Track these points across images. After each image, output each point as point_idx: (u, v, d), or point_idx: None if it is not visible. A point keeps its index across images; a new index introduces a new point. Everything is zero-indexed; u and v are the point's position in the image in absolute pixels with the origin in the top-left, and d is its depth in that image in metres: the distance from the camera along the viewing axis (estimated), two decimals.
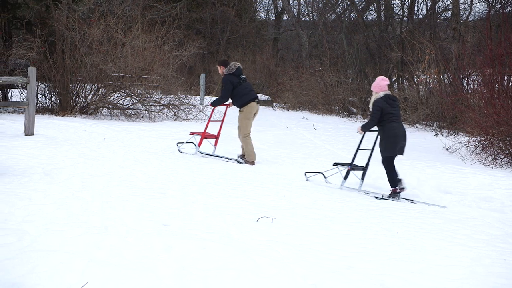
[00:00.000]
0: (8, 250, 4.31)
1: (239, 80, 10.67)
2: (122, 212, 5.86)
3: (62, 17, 15.33)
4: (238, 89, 10.62)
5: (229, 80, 10.60)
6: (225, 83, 10.62)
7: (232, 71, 10.66)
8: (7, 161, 8.14)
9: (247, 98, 10.62)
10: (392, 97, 8.91)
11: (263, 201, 7.18)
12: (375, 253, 5.15)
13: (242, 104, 10.65)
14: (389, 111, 8.75)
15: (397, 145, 8.70)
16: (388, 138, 8.74)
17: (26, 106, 11.10)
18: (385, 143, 8.76)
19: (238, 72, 10.70)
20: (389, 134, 8.73)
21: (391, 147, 8.71)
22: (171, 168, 9.03)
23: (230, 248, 4.84)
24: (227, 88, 10.58)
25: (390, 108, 8.77)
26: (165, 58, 17.13)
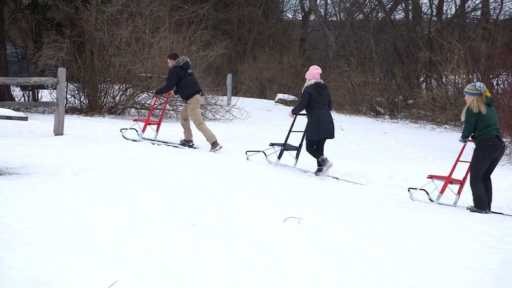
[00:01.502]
0: (39, 248, 4.36)
1: (185, 73, 11.51)
2: (150, 211, 5.89)
3: (91, 18, 15.49)
4: (183, 81, 11.44)
5: (174, 72, 11.42)
6: (171, 74, 11.45)
7: (179, 64, 11.48)
8: (37, 160, 8.25)
9: (191, 90, 11.44)
10: (322, 85, 9.83)
11: (290, 201, 7.17)
12: (404, 255, 5.11)
13: (186, 96, 11.48)
14: (317, 98, 9.68)
15: (321, 130, 9.64)
16: (313, 123, 9.66)
17: (55, 106, 11.24)
18: (311, 128, 9.70)
19: (185, 66, 11.53)
20: (315, 119, 9.65)
21: (315, 132, 9.67)
22: (199, 168, 9.05)
23: (258, 248, 4.84)
24: (172, 78, 11.40)
25: (318, 95, 9.69)
26: (192, 58, 17.20)
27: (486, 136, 7.73)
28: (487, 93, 7.84)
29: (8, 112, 7.66)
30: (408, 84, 22.35)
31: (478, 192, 7.84)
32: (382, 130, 17.78)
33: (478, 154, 7.86)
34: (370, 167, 10.82)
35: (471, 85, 7.95)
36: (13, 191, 6.22)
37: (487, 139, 7.73)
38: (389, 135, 16.46)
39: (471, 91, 7.85)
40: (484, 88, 7.81)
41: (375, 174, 10.14)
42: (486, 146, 7.76)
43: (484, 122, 7.75)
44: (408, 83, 22.45)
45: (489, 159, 7.82)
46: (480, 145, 7.83)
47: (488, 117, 7.77)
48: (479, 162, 7.83)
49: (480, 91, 7.79)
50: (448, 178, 8.41)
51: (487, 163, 7.84)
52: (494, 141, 7.75)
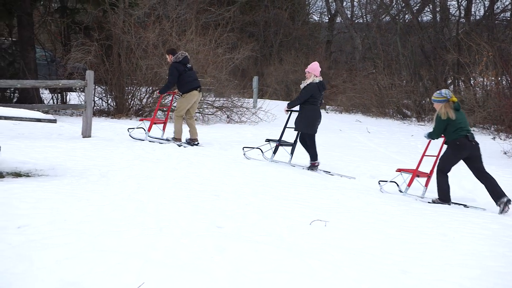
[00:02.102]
0: (67, 249, 4.42)
1: (185, 68, 11.61)
2: (177, 213, 5.93)
3: (119, 21, 15.63)
4: (183, 76, 11.56)
5: (175, 68, 11.50)
6: (172, 70, 11.53)
7: (178, 60, 11.56)
8: (66, 162, 8.35)
9: (190, 85, 11.57)
10: (323, 84, 10.25)
11: (316, 204, 7.16)
12: (431, 258, 5.07)
13: (186, 90, 11.60)
14: (316, 96, 10.04)
15: (316, 126, 10.09)
16: (307, 118, 10.03)
17: (83, 108, 11.36)
18: (305, 122, 10.05)
19: (185, 61, 11.61)
20: (309, 114, 10.03)
21: (310, 127, 10.07)
22: (225, 170, 9.08)
23: (284, 251, 4.84)
24: (173, 74, 11.48)
25: (318, 94, 10.06)
26: (219, 61, 17.26)
27: (455, 137, 8.15)
28: (454, 98, 8.23)
29: (37, 115, 7.76)
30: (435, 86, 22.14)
31: (442, 185, 8.24)
32: (409, 133, 17.65)
33: (448, 152, 8.32)
34: None
35: (437, 93, 8.33)
36: (42, 193, 6.31)
37: (455, 140, 8.16)
38: (416, 138, 16.33)
39: (438, 99, 8.25)
40: (450, 95, 8.22)
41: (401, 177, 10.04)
42: (454, 146, 8.18)
43: (454, 126, 8.16)
44: (435, 85, 22.25)
45: (458, 157, 8.21)
46: (450, 145, 8.28)
47: (458, 121, 8.16)
48: (448, 158, 8.25)
49: (446, 98, 8.19)
50: (415, 171, 8.81)
51: (455, 161, 8.24)
52: (462, 141, 8.13)
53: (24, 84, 12.07)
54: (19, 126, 11.73)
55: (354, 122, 20.42)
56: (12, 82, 12.18)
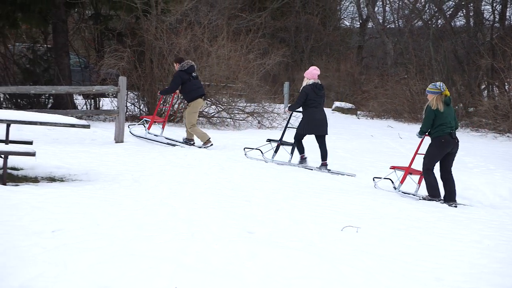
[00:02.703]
0: (100, 253, 4.45)
1: (190, 77, 11.89)
2: (208, 219, 5.95)
3: (151, 27, 15.76)
4: (188, 84, 11.84)
5: (179, 76, 11.82)
6: (175, 77, 11.88)
7: (184, 68, 11.86)
8: (99, 167, 8.43)
9: (195, 94, 11.86)
10: (319, 86, 10.49)
11: (347, 210, 7.12)
12: (465, 266, 5.00)
13: (190, 99, 11.89)
14: (313, 97, 10.33)
15: (314, 127, 10.37)
16: (308, 120, 10.36)
17: (116, 114, 11.47)
18: (304, 124, 10.41)
19: (190, 70, 11.91)
20: (309, 117, 10.36)
21: (307, 128, 10.40)
22: (256, 176, 9.09)
23: (315, 257, 4.82)
24: (176, 81, 11.82)
25: (314, 95, 10.34)
26: (250, 66, 17.29)
27: (440, 133, 8.41)
28: (447, 92, 8.52)
29: (71, 120, 7.85)
30: (469, 92, 21.89)
31: (431, 182, 8.55)
32: None
33: (431, 149, 8.57)
34: None
35: (432, 85, 8.63)
36: (76, 197, 6.38)
37: (440, 137, 8.42)
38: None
39: (432, 90, 8.53)
40: (444, 88, 8.51)
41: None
42: (439, 143, 8.46)
43: (441, 120, 8.42)
44: (469, 90, 21.99)
45: (441, 153, 8.51)
46: (433, 141, 8.54)
47: (445, 115, 8.43)
48: (431, 155, 8.55)
49: (440, 90, 8.47)
50: (408, 169, 9.09)
51: (439, 157, 8.53)
52: (447, 138, 8.42)
53: (58, 90, 12.28)
54: (53, 132, 11.90)
55: (386, 127, 20.26)
56: (47, 88, 12.41)
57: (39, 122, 7.57)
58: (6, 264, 4.15)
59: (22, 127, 10.55)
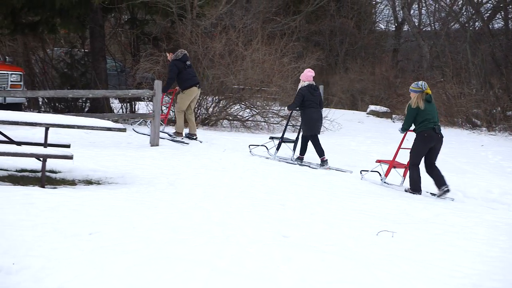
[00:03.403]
0: (136, 256, 4.50)
1: (184, 65, 12.27)
2: (243, 222, 5.96)
3: (187, 32, 15.87)
4: (183, 73, 12.23)
5: (174, 65, 12.16)
6: (171, 67, 12.18)
7: (178, 57, 12.21)
8: (134, 170, 8.52)
9: (190, 82, 12.28)
10: (314, 87, 11.06)
11: (382, 214, 7.07)
12: (504, 272, 4.92)
13: (185, 87, 12.29)
14: (310, 98, 10.85)
15: (315, 127, 10.87)
16: (307, 120, 10.84)
17: (152, 118, 11.57)
18: (305, 125, 10.88)
19: (184, 59, 12.28)
20: (307, 117, 10.84)
21: (309, 128, 10.85)
22: (290, 179, 9.08)
23: (350, 261, 4.80)
24: (173, 71, 12.13)
25: (310, 95, 10.87)
26: (284, 70, 17.28)
27: (423, 128, 8.86)
28: (428, 90, 8.96)
29: (108, 124, 7.95)
30: (507, 95, 21.54)
31: (414, 177, 9.02)
32: (478, 143, 17.20)
33: (415, 144, 9.02)
34: (467, 180, 10.50)
35: (414, 84, 9.06)
36: (112, 200, 6.46)
37: (423, 131, 8.87)
38: (487, 148, 15.90)
39: (414, 89, 8.98)
40: (425, 86, 8.93)
41: (471, 188, 9.86)
42: (422, 137, 8.91)
43: (422, 116, 8.85)
44: (507, 94, 21.63)
45: (425, 148, 8.95)
46: (417, 136, 8.98)
47: (426, 112, 8.86)
48: (417, 151, 8.98)
49: (421, 89, 8.92)
50: (392, 163, 9.61)
51: (424, 151, 8.97)
52: (430, 133, 8.86)
53: (95, 94, 12.46)
54: (90, 135, 12.06)
55: None
56: (84, 92, 12.60)
57: (76, 126, 7.68)
58: (45, 265, 4.22)
59: (59, 130, 10.72)
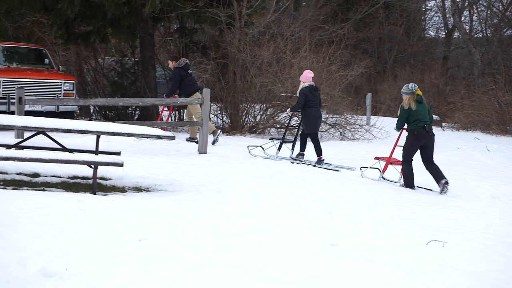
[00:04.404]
0: (185, 263, 4.54)
1: (186, 73, 13.03)
2: (290, 230, 5.95)
3: (235, 40, 15.97)
4: (185, 81, 12.98)
5: (177, 73, 12.95)
6: (174, 75, 13.01)
7: (181, 66, 13.01)
8: (183, 178, 8.60)
9: (192, 88, 13.03)
10: (314, 87, 11.48)
11: (432, 223, 6.97)
12: None
13: (188, 94, 12.95)
14: (311, 98, 11.28)
15: (315, 125, 11.48)
16: (308, 119, 11.36)
17: (200, 125, 11.67)
18: (306, 124, 11.42)
19: (186, 67, 13.07)
20: (309, 116, 11.35)
21: (311, 127, 11.41)
22: (338, 188, 9.02)
23: (399, 271, 4.74)
24: (176, 79, 12.95)
25: (311, 95, 11.30)
26: (332, 78, 17.22)
27: (414, 127, 9.41)
28: (418, 91, 9.51)
29: (157, 132, 8.05)
30: None
31: (407, 173, 9.60)
32: None
33: (406, 142, 9.63)
34: None
35: (405, 86, 9.61)
36: (161, 207, 6.53)
37: (413, 130, 9.42)
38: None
39: (405, 91, 9.53)
40: (415, 88, 9.49)
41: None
42: (412, 135, 9.49)
43: (414, 116, 9.40)
44: None
45: (416, 144, 9.50)
46: (409, 134, 9.57)
47: (418, 112, 9.40)
48: (408, 147, 9.57)
49: (412, 91, 9.47)
50: (388, 160, 10.13)
51: (414, 148, 9.53)
52: (420, 131, 9.40)
53: (145, 102, 12.66)
54: (139, 143, 12.23)
55: (473, 140, 19.67)
56: (134, 100, 12.82)
57: (126, 134, 7.80)
58: (97, 271, 4.29)
59: (110, 138, 10.89)
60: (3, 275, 4.23)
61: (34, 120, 7.53)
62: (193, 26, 17.86)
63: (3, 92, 13.04)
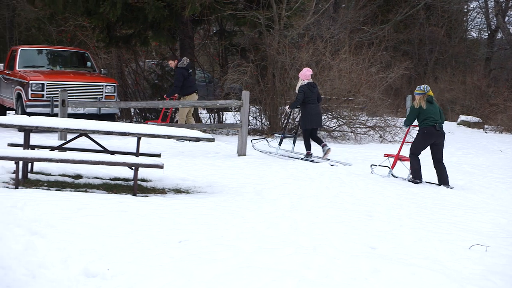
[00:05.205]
0: (225, 265, 4.55)
1: (188, 74, 13.45)
2: (330, 233, 5.92)
3: (274, 42, 15.97)
4: (186, 81, 13.27)
5: (181, 73, 13.19)
6: (178, 74, 13.22)
7: (183, 66, 13.28)
8: (222, 180, 8.64)
9: (191, 89, 13.43)
10: (313, 84, 11.85)
11: (475, 227, 6.85)
12: None
13: (186, 93, 13.34)
14: (309, 95, 11.59)
15: (313, 121, 11.73)
16: (306, 115, 11.70)
17: (239, 128, 11.70)
18: (304, 119, 11.79)
19: (188, 67, 13.45)
20: (307, 112, 11.67)
21: (308, 122, 11.70)
22: (378, 191, 8.94)
23: (441, 275, 4.67)
24: (179, 79, 13.16)
25: (310, 92, 11.62)
26: (372, 80, 17.08)
27: (424, 125, 9.83)
28: (430, 92, 9.94)
29: (196, 134, 8.11)
30: None
31: (415, 166, 9.99)
32: None
33: (416, 138, 10.11)
34: None
35: (418, 87, 10.12)
36: (201, 209, 6.57)
37: (423, 128, 9.84)
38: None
39: (418, 92, 10.02)
40: (427, 89, 9.95)
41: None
42: (422, 133, 9.91)
43: (424, 115, 9.80)
44: None
45: (425, 142, 9.92)
46: (419, 132, 10.02)
47: (428, 111, 9.79)
48: (416, 143, 10.01)
49: (424, 91, 9.92)
50: (397, 156, 10.42)
51: (423, 145, 9.96)
52: (430, 130, 9.79)
53: (185, 104, 12.77)
54: (179, 144, 12.33)
55: None
56: (175, 102, 12.96)
57: (167, 136, 7.88)
58: (138, 272, 4.34)
59: (150, 140, 11.01)
60: (47, 274, 4.31)
61: (76, 123, 7.66)
62: (232, 28, 17.93)
63: (47, 95, 13.28)
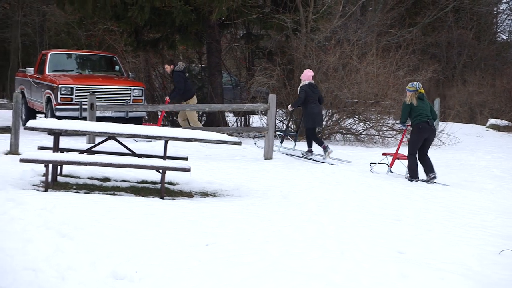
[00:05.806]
0: (252, 268, 4.56)
1: (186, 77, 13.71)
2: (357, 237, 5.89)
3: (301, 46, 15.95)
4: (185, 84, 13.41)
5: (181, 77, 13.35)
6: (179, 78, 13.31)
7: (181, 69, 13.46)
8: (248, 183, 8.65)
9: (190, 93, 13.56)
10: (314, 85, 12.39)
11: (505, 232, 6.76)
12: None
13: (186, 98, 13.41)
14: (311, 95, 12.06)
15: (315, 121, 12.17)
16: (308, 115, 12.11)
17: (265, 131, 11.71)
18: (306, 119, 12.20)
19: (185, 70, 13.85)
20: (308, 112, 12.07)
21: (311, 122, 12.10)
22: (405, 195, 8.88)
23: (470, 281, 4.62)
24: (180, 82, 13.29)
25: (311, 93, 12.10)
26: (399, 83, 16.95)
27: (417, 121, 10.07)
28: (421, 90, 10.24)
29: (223, 137, 8.13)
30: None
31: (412, 165, 10.23)
32: None
33: (412, 136, 10.35)
34: None
35: (410, 84, 10.35)
36: (228, 212, 6.59)
37: (417, 124, 10.08)
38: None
39: (409, 89, 10.27)
40: (419, 86, 10.21)
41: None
42: (417, 129, 10.13)
43: (416, 111, 10.08)
44: None
45: (420, 138, 10.14)
46: (413, 129, 10.27)
47: (419, 108, 10.07)
48: (413, 141, 10.25)
49: (416, 89, 10.17)
50: (395, 155, 10.73)
51: (420, 141, 10.16)
52: (423, 125, 10.04)
53: (212, 108, 12.83)
54: (206, 148, 12.36)
55: None
56: (202, 106, 13.03)
57: (193, 139, 7.91)
58: (165, 274, 4.36)
59: (177, 143, 11.07)
60: (76, 276, 4.35)
61: (105, 126, 7.74)
62: (259, 32, 17.96)
63: (76, 98, 13.43)
